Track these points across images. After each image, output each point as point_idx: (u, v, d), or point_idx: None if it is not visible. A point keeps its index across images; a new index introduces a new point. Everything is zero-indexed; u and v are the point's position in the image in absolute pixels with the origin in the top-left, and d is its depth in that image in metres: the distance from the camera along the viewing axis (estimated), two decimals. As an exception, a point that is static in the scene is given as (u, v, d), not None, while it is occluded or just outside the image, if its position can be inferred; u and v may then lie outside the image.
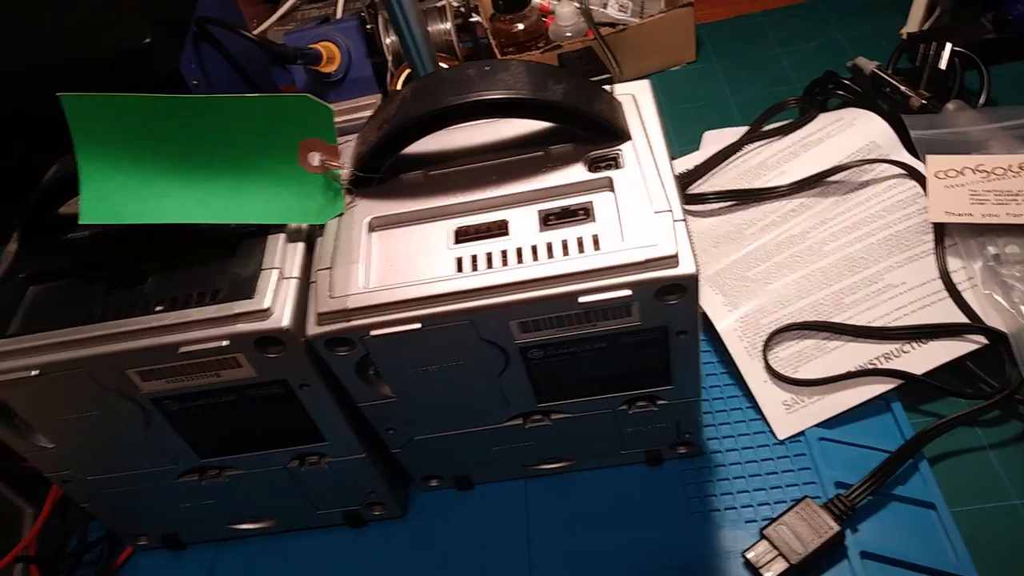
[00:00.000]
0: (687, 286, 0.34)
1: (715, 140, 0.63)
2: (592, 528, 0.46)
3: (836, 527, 0.42)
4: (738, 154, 0.60)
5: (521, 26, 0.72)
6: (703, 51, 0.77)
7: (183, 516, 0.48)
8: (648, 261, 0.33)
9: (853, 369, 0.47)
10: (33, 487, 0.53)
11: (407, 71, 0.74)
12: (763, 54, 0.76)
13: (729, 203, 0.57)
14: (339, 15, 0.85)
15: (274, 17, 0.87)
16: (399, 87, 0.74)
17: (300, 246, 0.38)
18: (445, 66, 0.72)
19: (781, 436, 0.47)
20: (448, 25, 0.76)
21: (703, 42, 0.77)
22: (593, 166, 0.38)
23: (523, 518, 0.48)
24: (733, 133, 0.62)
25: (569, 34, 0.72)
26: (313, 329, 0.36)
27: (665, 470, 0.48)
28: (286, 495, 0.46)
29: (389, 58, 0.76)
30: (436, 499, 0.50)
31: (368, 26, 0.77)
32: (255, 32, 0.87)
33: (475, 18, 0.77)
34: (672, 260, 0.33)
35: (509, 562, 0.46)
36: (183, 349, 0.36)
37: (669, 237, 0.34)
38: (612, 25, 0.73)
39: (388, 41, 0.76)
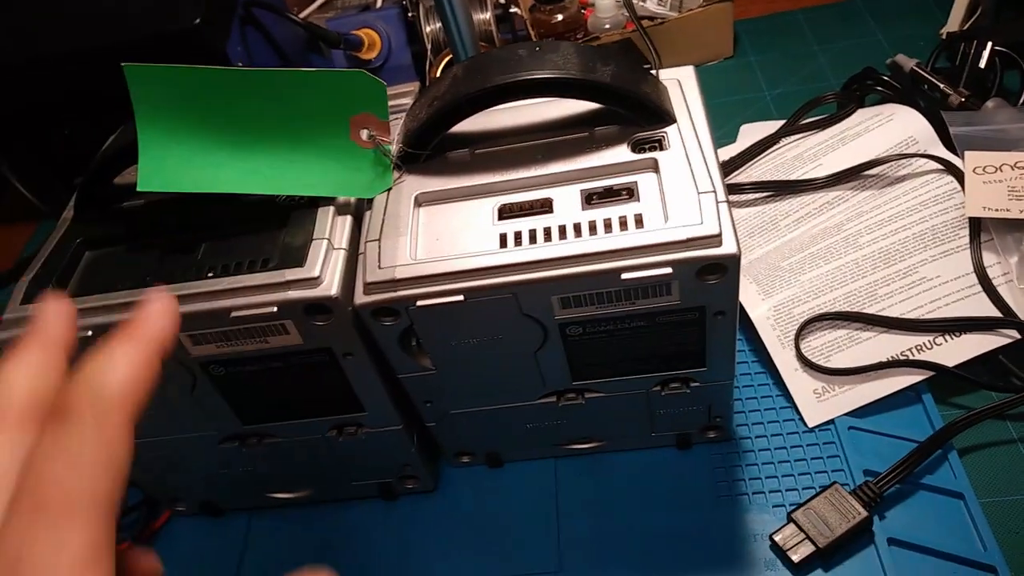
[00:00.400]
0: (728, 266, 0.35)
1: (752, 133, 0.63)
2: (620, 509, 0.47)
3: (864, 513, 0.42)
4: (775, 147, 0.60)
5: (560, 17, 0.73)
6: (740, 47, 0.78)
7: (221, 483, 0.49)
8: (691, 240, 0.34)
9: (885, 360, 0.48)
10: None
11: (446, 59, 0.75)
12: (800, 51, 0.76)
13: (765, 194, 0.57)
14: (379, 3, 0.86)
15: (316, 4, 0.88)
16: (438, 75, 0.75)
17: (348, 219, 0.39)
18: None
19: (811, 424, 0.48)
20: (488, 15, 0.77)
21: (740, 38, 0.78)
22: (638, 147, 0.38)
23: (552, 497, 0.49)
24: (770, 126, 0.63)
25: (608, 26, 0.73)
26: (361, 298, 0.37)
27: (694, 454, 0.49)
28: (323, 465, 0.48)
29: (428, 46, 0.77)
30: (467, 475, 0.51)
31: (409, 14, 0.78)
32: (300, 16, 0.88)
33: (514, 9, 0.78)
34: (715, 240, 0.34)
35: (537, 540, 0.47)
36: (235, 314, 0.37)
37: (713, 217, 0.34)
38: (651, 19, 0.74)
39: (428, 30, 0.77)
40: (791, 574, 0.43)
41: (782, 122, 0.63)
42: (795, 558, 0.42)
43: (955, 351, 0.48)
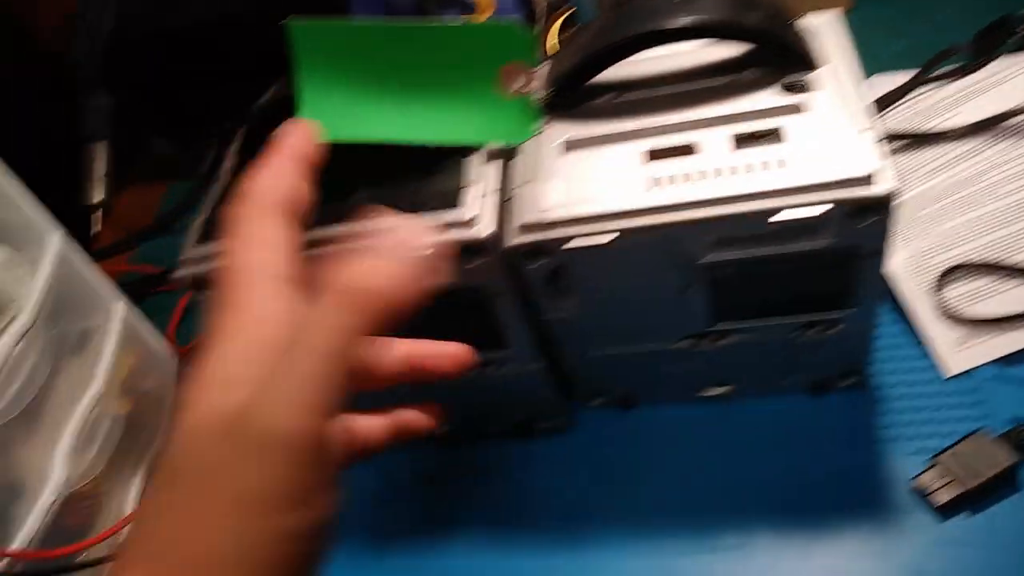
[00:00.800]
0: (885, 205, 0.35)
1: (879, 85, 0.62)
2: (754, 453, 0.48)
3: (1014, 458, 0.42)
4: (906, 98, 0.59)
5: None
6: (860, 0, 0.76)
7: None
8: (848, 179, 0.34)
9: (1029, 309, 0.47)
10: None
11: (560, 19, 0.76)
12: (924, 2, 0.74)
13: (899, 144, 0.56)
14: (494, -36, 0.87)
15: (431, -33, 0.89)
16: (553, 36, 0.76)
17: (497, 165, 0.41)
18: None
19: (951, 373, 0.48)
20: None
21: (863, -12, 0.76)
22: (786, 91, 0.39)
23: (684, 442, 0.50)
24: (898, 78, 0.62)
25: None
26: (514, 239, 0.39)
27: (828, 401, 0.49)
28: (464, 402, 0.49)
29: (541, 6, 0.78)
30: (599, 417, 0.52)
31: (524, -25, 0.79)
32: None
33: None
34: (873, 178, 0.34)
35: (670, 483, 0.48)
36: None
37: (870, 156, 0.35)
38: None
39: (542, -9, 0.78)
40: (935, 517, 0.43)
41: (909, 75, 0.62)
42: (940, 501, 0.42)
43: (1104, 301, 0.46)
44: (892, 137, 0.57)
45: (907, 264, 0.51)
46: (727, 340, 0.44)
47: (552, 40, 0.76)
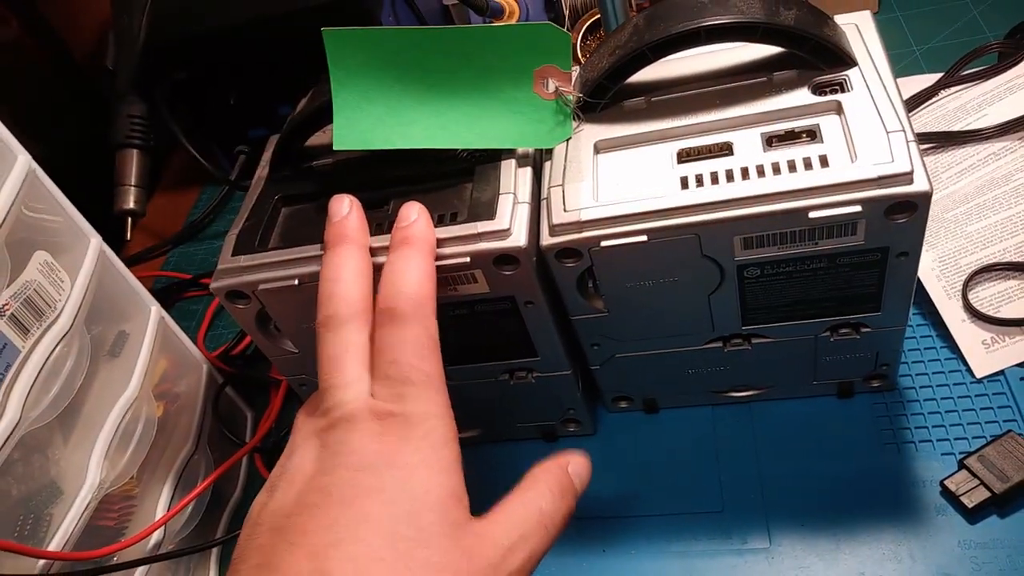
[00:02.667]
0: (920, 204, 0.35)
1: (906, 87, 0.62)
2: (782, 456, 0.48)
3: (1043, 461, 0.42)
4: (933, 99, 0.59)
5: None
6: (886, 2, 0.76)
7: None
8: (882, 178, 0.35)
9: (1060, 311, 0.47)
10: (254, 395, 0.59)
11: (586, 24, 0.77)
12: (950, 3, 0.74)
13: (927, 146, 0.56)
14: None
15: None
16: (578, 40, 0.77)
17: (529, 171, 0.41)
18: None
19: (980, 374, 0.47)
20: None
21: (887, -8, 0.76)
22: (819, 90, 0.39)
23: (711, 444, 0.50)
24: (925, 80, 0.62)
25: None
26: (546, 240, 0.39)
27: (856, 403, 0.49)
28: (492, 407, 0.50)
29: (566, 12, 0.79)
30: (624, 421, 0.52)
31: (547, -20, 0.79)
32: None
33: (653, -29, 0.78)
34: (907, 177, 0.34)
35: (698, 484, 0.48)
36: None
37: (904, 155, 0.35)
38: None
39: (567, -5, 0.78)
40: (964, 519, 0.43)
41: (937, 76, 0.62)
42: (969, 503, 0.42)
43: None
44: (922, 137, 0.57)
45: (935, 265, 0.51)
46: (755, 342, 0.45)
47: (577, 46, 0.77)
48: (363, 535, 0.29)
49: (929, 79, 0.62)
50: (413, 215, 0.38)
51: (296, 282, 0.41)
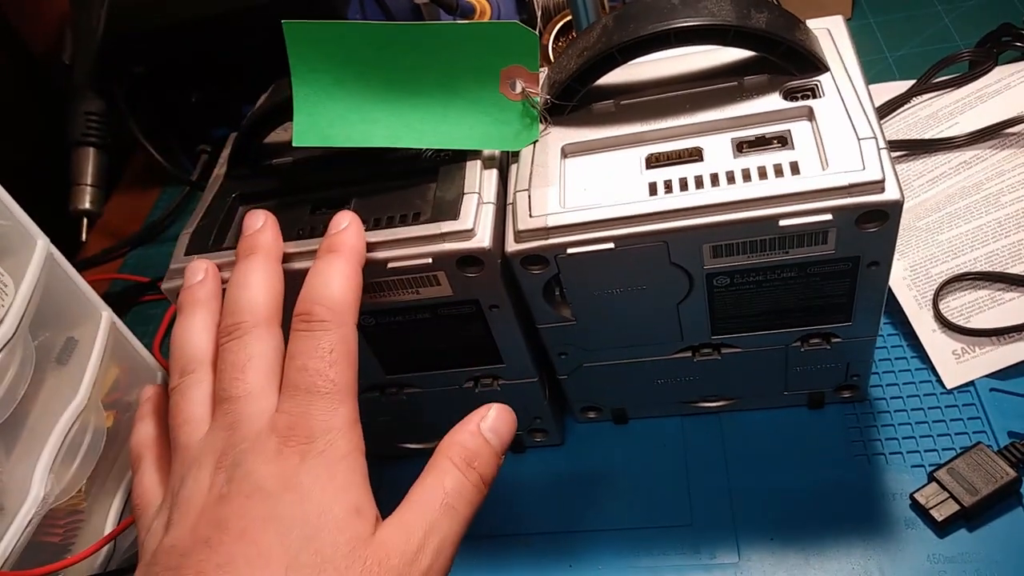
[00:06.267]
0: (891, 213, 0.34)
1: (878, 94, 0.62)
2: (751, 467, 0.47)
3: (1012, 473, 0.42)
4: (905, 106, 0.59)
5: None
6: (859, 8, 0.75)
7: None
8: (852, 186, 0.34)
9: (1029, 321, 0.47)
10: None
11: (558, 25, 0.76)
12: (923, 11, 0.74)
13: (899, 154, 0.56)
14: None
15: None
16: (551, 40, 0.76)
17: (494, 172, 0.40)
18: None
19: (950, 385, 0.47)
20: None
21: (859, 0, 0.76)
22: (790, 96, 0.38)
23: (681, 456, 0.49)
24: (896, 87, 0.61)
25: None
26: (512, 246, 0.38)
27: (827, 414, 0.48)
28: (456, 416, 0.49)
29: (538, 12, 0.78)
30: (593, 431, 0.51)
31: (520, -20, 0.78)
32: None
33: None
34: (878, 185, 0.34)
35: (667, 495, 0.47)
36: (391, 264, 0.38)
37: (875, 163, 0.34)
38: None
39: (539, -5, 0.77)
40: (933, 533, 0.42)
41: (908, 83, 0.62)
42: (938, 517, 0.42)
43: (1106, 312, 0.46)
44: (894, 145, 0.56)
45: (907, 274, 0.50)
46: (725, 352, 0.44)
47: (548, 46, 0.76)
48: (260, 572, 0.28)
49: (902, 86, 0.62)
50: (343, 223, 0.37)
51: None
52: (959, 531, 0.42)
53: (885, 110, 0.59)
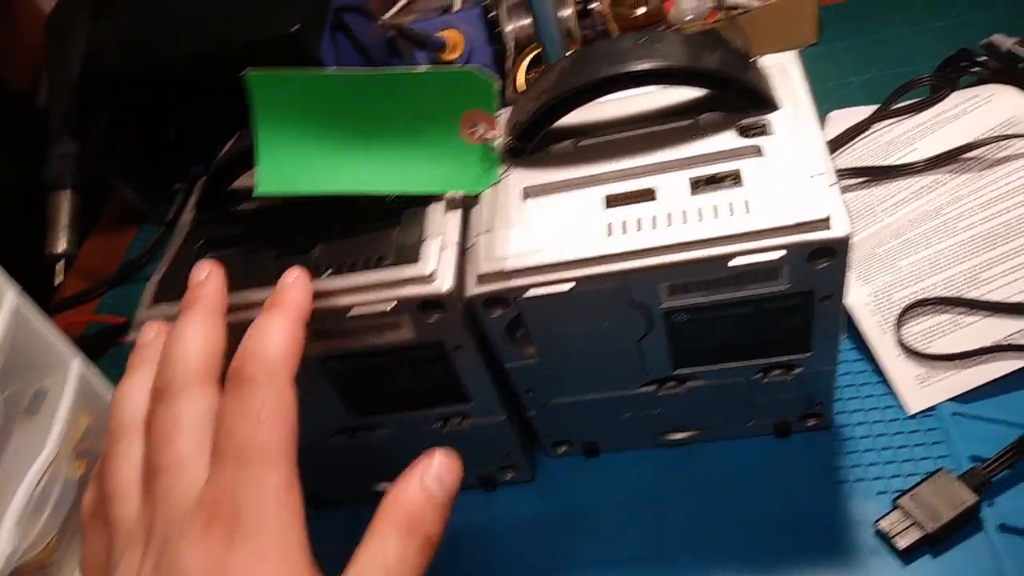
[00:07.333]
0: (839, 249, 0.35)
1: (840, 120, 0.63)
2: (718, 498, 0.47)
3: (973, 498, 0.42)
4: (867, 133, 0.60)
5: (641, 11, 0.73)
6: (825, 33, 0.77)
7: (328, 475, 0.50)
8: (801, 224, 0.35)
9: (989, 344, 0.47)
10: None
11: (528, 57, 0.77)
12: (888, 34, 0.75)
13: (860, 180, 0.57)
14: (460, 4, 0.88)
15: (398, 6, 0.90)
16: (521, 73, 0.77)
17: (457, 215, 0.41)
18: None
19: (913, 410, 0.47)
20: (568, 12, 0.78)
21: (825, 23, 0.77)
22: (743, 133, 0.39)
23: (650, 487, 0.49)
24: (859, 112, 0.62)
25: (690, 17, 0.73)
26: (473, 289, 0.38)
27: (792, 442, 0.49)
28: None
29: (510, 44, 0.79)
30: (564, 465, 0.52)
31: (490, 14, 0.79)
32: (380, 21, 0.91)
33: (595, 4, 0.78)
34: (825, 223, 0.34)
35: (636, 528, 0.47)
36: (352, 312, 0.38)
37: (823, 200, 0.35)
38: (733, 8, 0.74)
39: (509, 28, 0.78)
40: (897, 560, 0.43)
41: (872, 108, 0.63)
42: (901, 544, 0.42)
43: (1064, 334, 0.47)
44: (855, 172, 0.57)
45: (869, 301, 0.51)
46: (688, 385, 0.44)
47: (520, 79, 0.76)
48: None
49: (866, 111, 0.63)
50: (289, 278, 0.35)
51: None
52: (923, 557, 0.42)
53: (848, 136, 0.60)
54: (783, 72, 0.41)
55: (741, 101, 0.39)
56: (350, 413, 0.46)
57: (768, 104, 0.39)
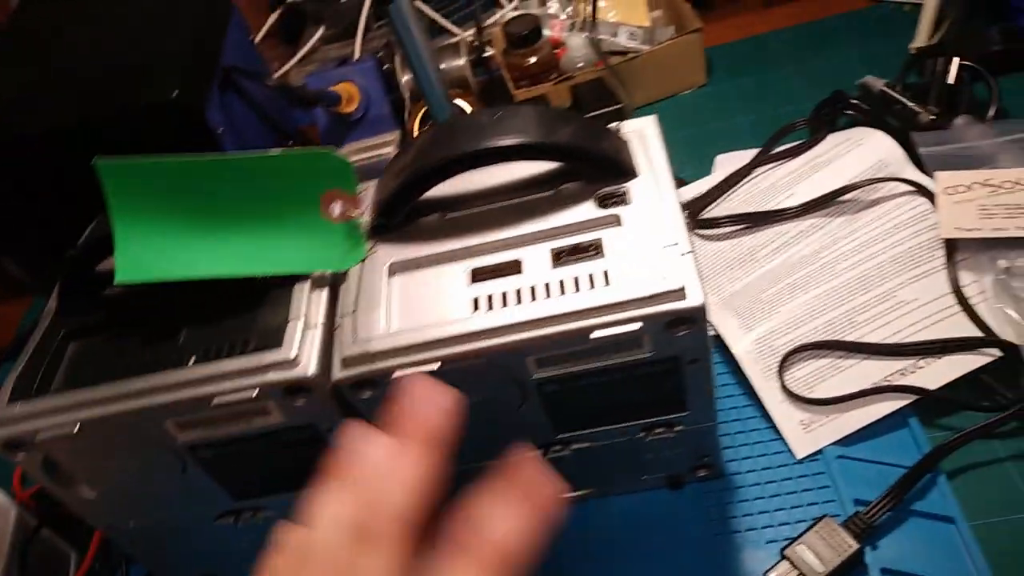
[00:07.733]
0: (695, 317, 0.35)
1: (727, 163, 0.64)
2: (615, 554, 0.47)
3: (856, 545, 0.43)
4: (749, 177, 0.61)
5: (534, 59, 0.74)
6: (714, 74, 0.78)
7: (221, 556, 0.49)
8: (656, 295, 0.35)
9: (869, 386, 0.48)
10: (77, 533, 0.55)
11: (424, 108, 0.77)
12: (774, 75, 0.77)
13: (741, 226, 0.58)
14: (357, 55, 0.87)
15: (295, 59, 0.90)
16: (416, 124, 0.76)
17: (324, 293, 0.40)
18: (460, 102, 0.74)
19: (799, 455, 0.48)
20: (463, 61, 0.78)
21: (714, 65, 0.79)
22: (602, 203, 0.39)
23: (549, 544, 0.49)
24: (745, 156, 0.64)
25: (581, 64, 0.74)
26: (339, 373, 0.38)
27: (686, 493, 0.49)
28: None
29: (406, 95, 0.79)
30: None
31: (385, 65, 0.79)
32: (277, 74, 0.90)
33: (489, 52, 0.79)
34: (680, 293, 0.35)
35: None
36: (216, 400, 0.38)
37: (677, 270, 0.35)
38: (623, 53, 0.75)
39: (405, 79, 0.78)
40: (788, 611, 0.43)
41: (757, 150, 0.64)
42: (790, 597, 0.43)
43: (938, 373, 0.48)
44: (736, 218, 0.58)
45: (753, 348, 0.52)
46: (574, 447, 0.44)
47: (416, 130, 0.76)
48: None
49: (750, 154, 0.64)
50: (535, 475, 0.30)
51: (76, 429, 0.38)
52: (813, 606, 0.43)
53: (731, 181, 0.61)
54: (641, 137, 0.42)
55: (597, 171, 0.39)
56: (230, 497, 0.44)
57: (626, 172, 0.40)
